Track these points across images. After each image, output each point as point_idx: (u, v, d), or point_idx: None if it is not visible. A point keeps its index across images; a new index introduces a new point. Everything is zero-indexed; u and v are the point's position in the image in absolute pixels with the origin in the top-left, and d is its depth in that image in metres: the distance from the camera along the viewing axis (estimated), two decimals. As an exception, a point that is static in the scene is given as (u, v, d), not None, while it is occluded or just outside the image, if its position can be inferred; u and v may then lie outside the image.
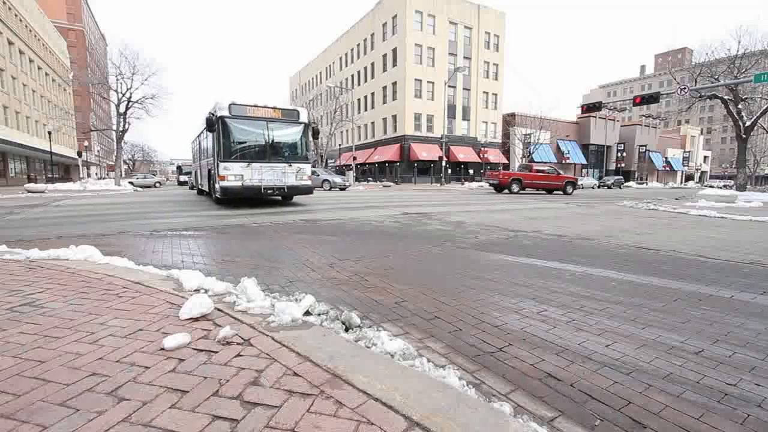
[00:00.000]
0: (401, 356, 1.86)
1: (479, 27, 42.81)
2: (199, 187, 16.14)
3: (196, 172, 17.85)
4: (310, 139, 11.17)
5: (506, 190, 20.34)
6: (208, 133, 10.42)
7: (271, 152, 10.17)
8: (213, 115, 9.69)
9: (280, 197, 11.23)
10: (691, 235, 6.24)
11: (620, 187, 40.20)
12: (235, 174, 9.69)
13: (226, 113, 9.63)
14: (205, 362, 1.67)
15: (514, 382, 1.72)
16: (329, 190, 23.79)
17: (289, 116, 10.42)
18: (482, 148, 42.62)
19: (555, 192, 21.07)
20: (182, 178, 35.74)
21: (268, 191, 10.04)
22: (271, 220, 7.52)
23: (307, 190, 10.92)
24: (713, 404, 1.58)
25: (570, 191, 21.04)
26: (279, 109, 10.22)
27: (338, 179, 25.19)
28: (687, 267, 3.97)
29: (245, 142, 9.95)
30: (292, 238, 5.52)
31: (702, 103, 25.11)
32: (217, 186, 9.91)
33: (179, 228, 6.54)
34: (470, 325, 2.37)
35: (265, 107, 10.01)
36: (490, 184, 21.63)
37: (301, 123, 10.56)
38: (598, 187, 40.56)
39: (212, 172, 10.89)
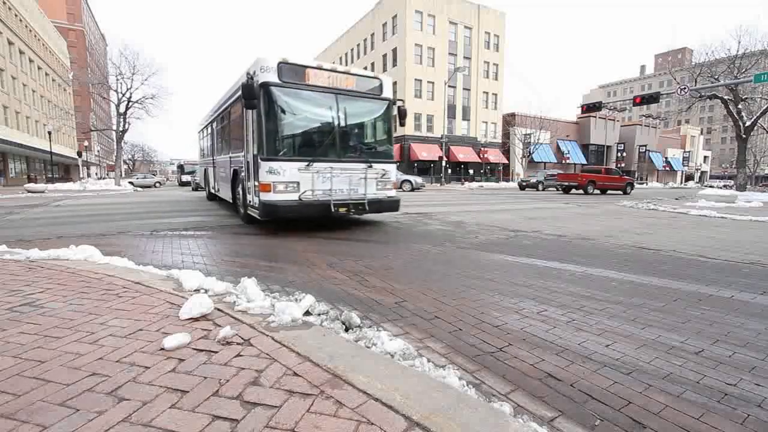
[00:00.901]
0: (401, 356, 1.86)
1: (479, 27, 42.79)
2: (212, 191, 12.08)
3: (206, 172, 13.22)
4: (396, 124, 7.20)
5: (581, 191, 21.82)
6: (243, 111, 6.38)
7: (343, 145, 6.39)
8: (251, 78, 5.66)
9: (353, 214, 6.43)
10: (691, 235, 6.24)
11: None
12: (289, 181, 5.77)
13: (273, 78, 5.73)
14: (205, 362, 1.67)
15: (514, 382, 1.72)
16: (411, 191, 22.35)
17: (368, 87, 6.70)
18: (482, 148, 42.59)
19: (616, 191, 22.80)
20: (184, 177, 32.93)
21: (341, 208, 6.12)
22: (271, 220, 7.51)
23: (393, 206, 6.89)
24: (713, 404, 1.58)
25: (629, 191, 22.65)
26: (354, 75, 6.49)
27: (419, 179, 24.20)
28: (687, 267, 3.97)
29: (305, 128, 6.19)
30: (292, 237, 5.52)
31: (702, 103, 25.09)
32: (255, 199, 6.05)
33: (179, 228, 6.54)
34: (470, 325, 2.37)
35: (333, 71, 6.24)
36: (563, 187, 22.88)
37: (384, 99, 6.84)
38: (599, 187, 40.51)
39: (243, 176, 6.91)
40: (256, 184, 5.90)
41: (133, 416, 1.30)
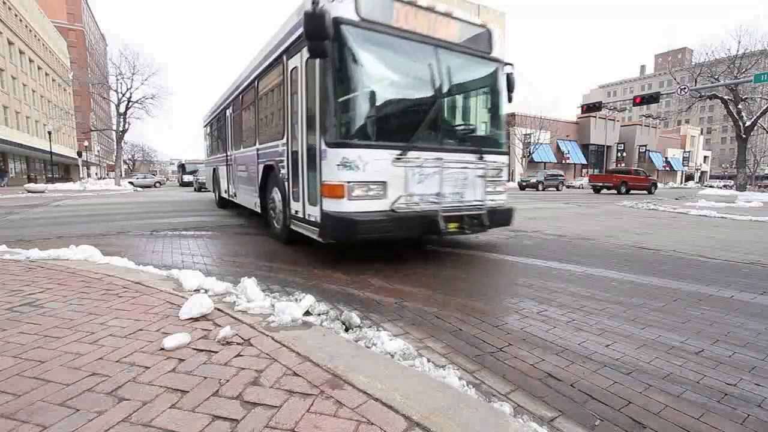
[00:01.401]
0: (401, 356, 1.86)
1: (479, 27, 42.81)
2: (224, 195, 9.62)
3: (215, 172, 10.90)
4: (506, 98, 4.84)
5: (614, 191, 23.34)
6: (288, 77, 4.57)
7: (448, 126, 4.47)
8: (316, 9, 3.32)
9: (468, 232, 4.22)
10: (691, 235, 6.24)
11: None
12: (374, 181, 3.67)
13: (350, 13, 3.58)
14: (205, 362, 1.67)
15: (514, 382, 1.72)
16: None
17: (473, 41, 4.52)
18: (482, 148, 42.57)
19: (641, 191, 24.10)
20: (186, 177, 30.89)
21: (452, 224, 3.99)
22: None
23: (508, 217, 4.63)
24: (713, 404, 1.58)
25: (653, 191, 24.27)
26: (458, 20, 4.36)
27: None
28: (687, 267, 3.97)
29: (396, 98, 4.03)
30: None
31: (702, 103, 25.12)
32: (312, 210, 4.01)
33: (179, 228, 6.54)
34: (470, 325, 2.37)
35: (431, 10, 4.09)
36: (596, 188, 24.61)
37: (495, 60, 4.67)
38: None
39: (283, 175, 4.77)
40: (316, 185, 3.83)
41: (133, 416, 1.30)
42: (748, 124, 20.76)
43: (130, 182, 32.42)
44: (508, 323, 2.40)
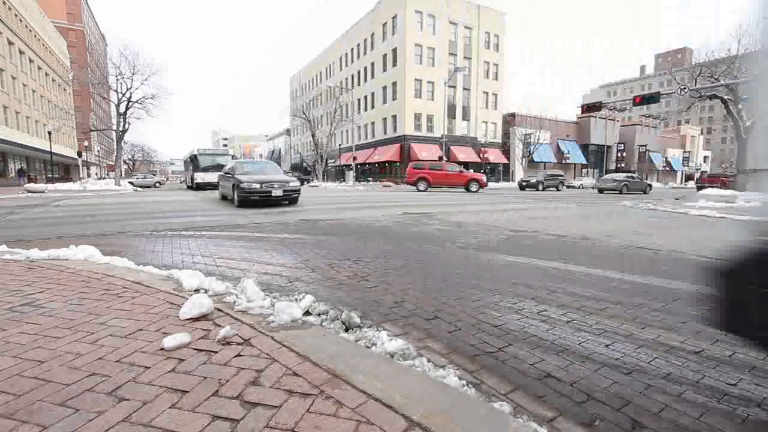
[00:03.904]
0: (401, 356, 1.86)
1: (479, 27, 42.79)
2: None
3: None
4: None
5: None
6: None
7: None
8: None
9: None
10: (691, 235, 6.24)
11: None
12: None
13: None
14: (205, 362, 1.67)
15: (514, 382, 1.72)
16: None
17: None
18: (482, 148, 42.60)
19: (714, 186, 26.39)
20: (200, 178, 21.69)
21: None
22: (270, 221, 7.52)
23: None
24: (713, 404, 1.58)
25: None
26: None
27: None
28: (687, 267, 3.97)
29: None
30: (292, 238, 5.52)
31: (702, 103, 25.21)
32: None
33: (179, 228, 6.54)
34: (470, 325, 2.37)
35: None
36: (699, 186, 27.12)
37: None
38: (598, 186, 40.53)
39: None
40: None
41: (133, 416, 1.30)
42: (748, 124, 20.76)
43: (130, 182, 32.45)
44: (508, 323, 2.40)
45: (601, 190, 24.96)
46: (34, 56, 40.74)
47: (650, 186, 26.81)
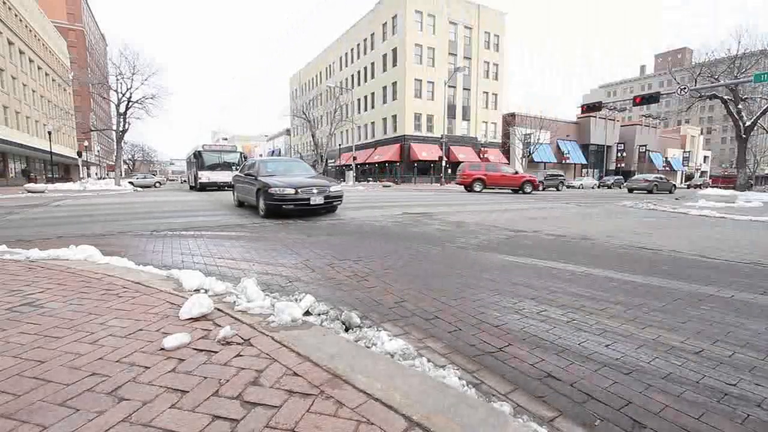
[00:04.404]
0: (401, 356, 1.86)
1: (479, 27, 42.77)
2: None
3: None
4: None
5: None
6: None
7: None
8: None
9: None
10: (691, 235, 6.24)
11: (620, 187, 40.28)
12: None
13: None
14: (205, 362, 1.67)
15: (514, 382, 1.72)
16: None
17: None
18: (482, 148, 42.59)
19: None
20: (205, 177, 19.98)
21: None
22: (270, 221, 7.51)
23: None
24: (713, 404, 1.58)
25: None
26: None
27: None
28: (687, 267, 3.97)
29: None
30: (291, 237, 5.52)
31: (702, 103, 25.21)
32: None
33: (179, 228, 6.53)
34: (470, 325, 2.37)
35: None
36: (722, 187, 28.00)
37: None
38: (598, 187, 40.54)
39: None
40: None
41: (133, 416, 1.30)
42: (748, 124, 20.77)
43: (130, 182, 32.43)
44: (508, 323, 2.40)
45: (630, 190, 26.61)
46: (34, 56, 40.71)
47: (675, 186, 28.33)
